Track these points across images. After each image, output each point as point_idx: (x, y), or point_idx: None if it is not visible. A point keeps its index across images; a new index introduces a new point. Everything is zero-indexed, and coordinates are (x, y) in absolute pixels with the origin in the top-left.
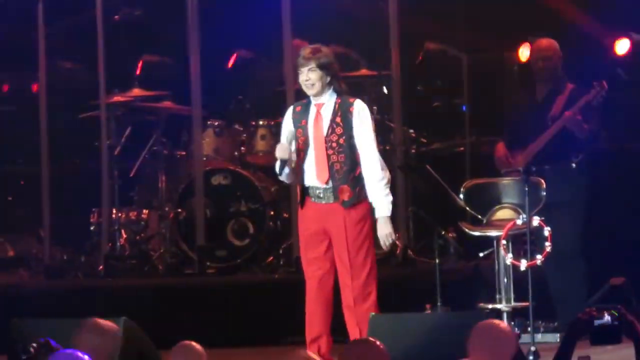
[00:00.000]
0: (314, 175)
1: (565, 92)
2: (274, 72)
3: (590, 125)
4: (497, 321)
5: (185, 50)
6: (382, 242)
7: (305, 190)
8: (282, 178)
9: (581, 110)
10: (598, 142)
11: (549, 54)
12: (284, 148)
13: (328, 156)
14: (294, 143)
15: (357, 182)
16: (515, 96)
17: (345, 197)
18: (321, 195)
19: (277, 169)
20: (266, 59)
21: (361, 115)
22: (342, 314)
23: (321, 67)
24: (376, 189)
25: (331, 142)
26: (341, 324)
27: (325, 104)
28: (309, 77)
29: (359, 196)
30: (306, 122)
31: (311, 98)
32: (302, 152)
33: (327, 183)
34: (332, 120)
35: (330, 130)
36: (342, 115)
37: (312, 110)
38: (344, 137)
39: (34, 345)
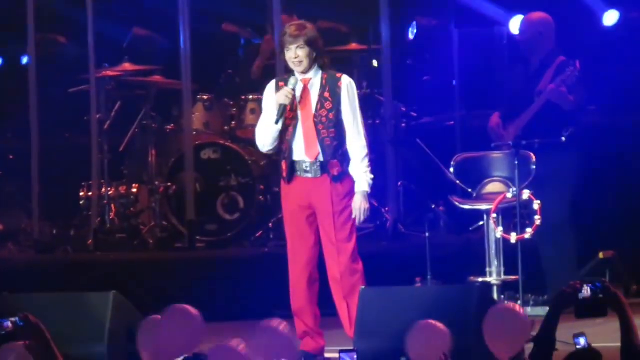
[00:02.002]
0: (302, 151)
1: (554, 64)
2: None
3: (575, 97)
4: (513, 305)
5: (175, 24)
6: (355, 215)
7: (292, 165)
8: (270, 135)
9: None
10: (583, 114)
11: (526, 28)
12: (287, 93)
13: (318, 131)
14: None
15: (345, 156)
16: (509, 69)
17: (335, 172)
18: (308, 169)
19: (275, 116)
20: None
21: (349, 90)
22: (329, 288)
23: (309, 43)
24: (360, 165)
25: (321, 117)
26: (329, 297)
27: (312, 79)
28: (297, 54)
29: (346, 171)
30: (293, 97)
31: (296, 74)
32: (290, 126)
33: (316, 158)
34: (321, 95)
35: (319, 106)
36: (331, 90)
37: (299, 85)
38: (333, 112)
39: (12, 320)
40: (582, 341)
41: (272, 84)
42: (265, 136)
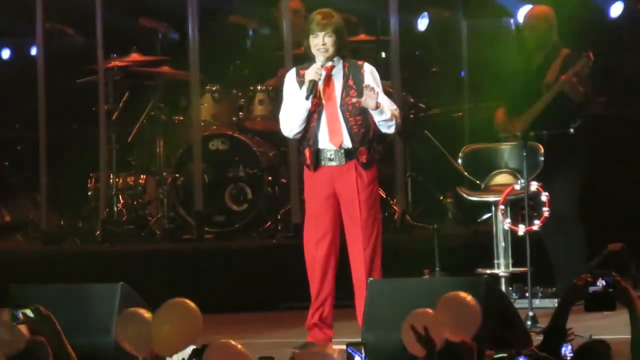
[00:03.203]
0: (326, 139)
1: (559, 58)
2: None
3: (584, 88)
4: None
5: (184, 15)
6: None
7: (317, 153)
8: (299, 116)
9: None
10: (592, 106)
11: (533, 22)
12: (318, 69)
13: (345, 119)
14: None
15: (371, 144)
16: (513, 62)
17: (364, 159)
18: (332, 157)
19: (304, 93)
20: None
21: (373, 75)
22: (340, 278)
23: (336, 32)
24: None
25: (347, 105)
26: (339, 288)
27: (334, 67)
28: (325, 41)
29: (374, 158)
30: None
31: (318, 62)
32: (314, 113)
33: (340, 146)
34: (345, 84)
35: (344, 94)
36: (354, 78)
37: (322, 73)
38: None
39: (23, 312)
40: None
41: (292, 72)
42: (294, 118)
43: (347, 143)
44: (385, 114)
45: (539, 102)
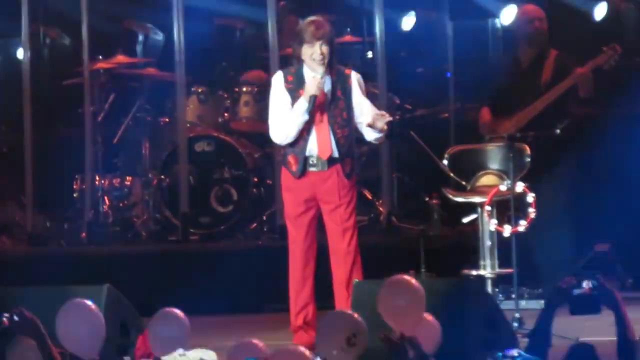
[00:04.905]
0: (315, 149)
1: (550, 58)
2: (257, 39)
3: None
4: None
5: (169, 16)
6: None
7: (304, 161)
8: (296, 126)
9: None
10: (581, 107)
11: (541, 16)
12: (319, 83)
13: (334, 132)
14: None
15: (354, 153)
16: (499, 62)
17: (348, 169)
18: (315, 163)
19: (305, 107)
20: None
21: (360, 84)
22: (322, 281)
23: (330, 41)
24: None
25: (335, 118)
26: (322, 291)
27: (323, 76)
28: (323, 52)
29: (354, 169)
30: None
31: (304, 69)
32: (305, 123)
33: (327, 158)
34: (334, 95)
35: (333, 106)
36: (342, 88)
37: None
38: (346, 111)
39: (7, 315)
40: None
41: (279, 76)
42: (290, 129)
43: (335, 154)
44: (382, 133)
45: (539, 100)
